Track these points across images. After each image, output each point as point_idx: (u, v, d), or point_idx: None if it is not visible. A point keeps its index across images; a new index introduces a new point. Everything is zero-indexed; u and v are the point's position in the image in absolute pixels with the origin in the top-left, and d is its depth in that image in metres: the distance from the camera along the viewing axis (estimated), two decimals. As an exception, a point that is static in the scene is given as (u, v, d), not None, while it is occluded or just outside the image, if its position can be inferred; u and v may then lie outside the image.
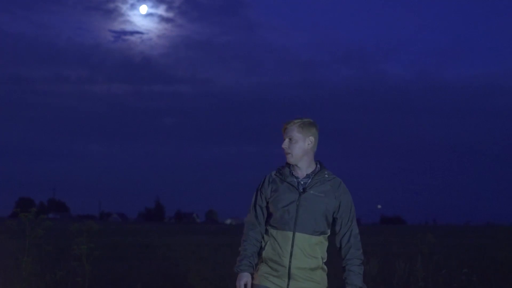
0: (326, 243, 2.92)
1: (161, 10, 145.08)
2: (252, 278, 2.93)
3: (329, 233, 2.93)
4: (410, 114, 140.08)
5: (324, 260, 2.90)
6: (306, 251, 2.81)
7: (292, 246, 2.80)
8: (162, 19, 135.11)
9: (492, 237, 28.62)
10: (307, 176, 2.89)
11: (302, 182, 2.88)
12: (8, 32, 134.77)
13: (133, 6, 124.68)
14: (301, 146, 2.87)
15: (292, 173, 2.91)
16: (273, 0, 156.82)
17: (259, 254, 2.93)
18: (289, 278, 2.81)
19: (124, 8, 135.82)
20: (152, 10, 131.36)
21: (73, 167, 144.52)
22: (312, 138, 2.90)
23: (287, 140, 2.89)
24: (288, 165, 2.94)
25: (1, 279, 6.19)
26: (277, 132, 3.00)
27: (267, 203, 2.94)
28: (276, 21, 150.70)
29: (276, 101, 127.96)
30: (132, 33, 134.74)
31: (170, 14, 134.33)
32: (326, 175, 2.90)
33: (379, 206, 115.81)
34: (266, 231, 2.92)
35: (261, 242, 2.94)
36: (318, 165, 2.94)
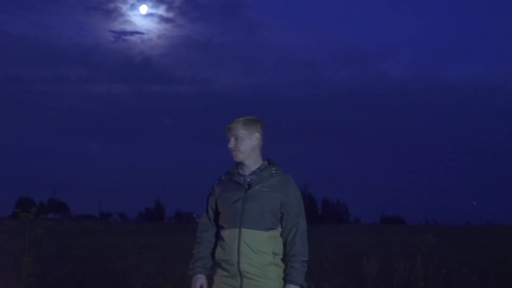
0: (280, 239, 2.84)
1: (161, 10, 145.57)
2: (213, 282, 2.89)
3: (279, 229, 2.85)
4: (410, 114, 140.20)
5: (280, 257, 2.82)
6: (254, 247, 2.73)
7: (239, 243, 2.74)
8: (162, 19, 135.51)
9: (492, 237, 28.62)
10: (253, 172, 2.87)
11: (248, 179, 2.85)
12: (8, 32, 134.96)
13: (133, 6, 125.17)
14: (248, 143, 2.86)
15: (239, 172, 2.89)
16: (273, 0, 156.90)
17: (213, 257, 2.89)
18: (241, 277, 2.74)
19: (124, 8, 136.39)
20: (152, 10, 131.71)
21: (73, 167, 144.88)
22: (257, 135, 2.89)
23: (232, 139, 2.88)
24: (237, 164, 2.92)
25: (1, 279, 6.19)
26: (280, 132, 2.94)
27: (217, 203, 2.92)
28: (276, 21, 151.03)
29: (276, 101, 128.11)
30: (132, 33, 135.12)
31: (170, 14, 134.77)
32: (273, 171, 2.86)
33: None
34: (217, 234, 2.91)
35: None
36: (266, 162, 2.92)
